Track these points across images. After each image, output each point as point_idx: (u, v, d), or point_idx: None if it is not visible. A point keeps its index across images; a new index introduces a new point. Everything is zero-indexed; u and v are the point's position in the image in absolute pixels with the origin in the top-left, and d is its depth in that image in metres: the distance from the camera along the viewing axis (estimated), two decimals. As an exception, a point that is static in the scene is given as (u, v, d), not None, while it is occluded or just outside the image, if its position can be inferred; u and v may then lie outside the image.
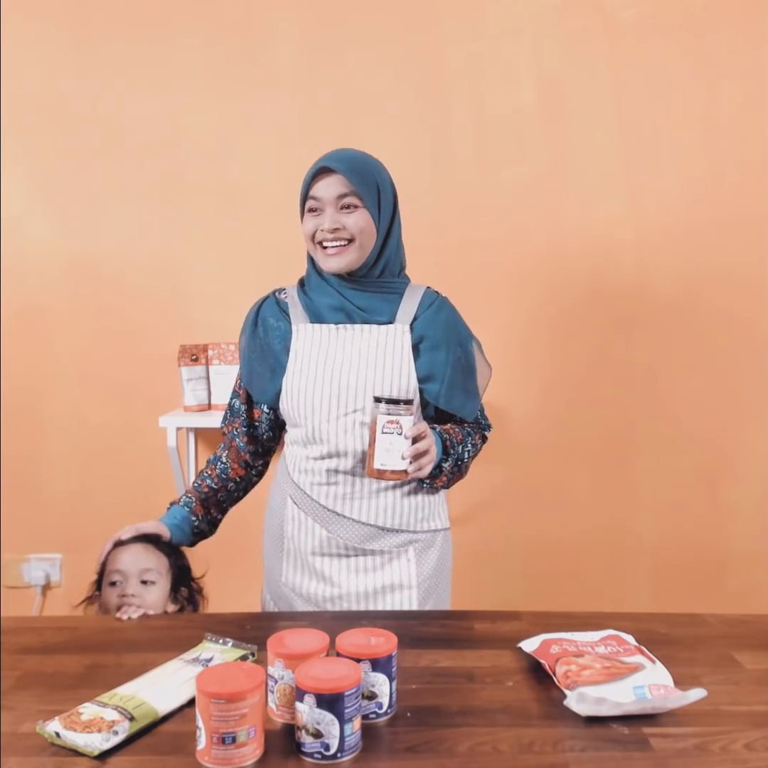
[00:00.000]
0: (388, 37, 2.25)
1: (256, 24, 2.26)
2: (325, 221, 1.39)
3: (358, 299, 1.44)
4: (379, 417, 1.28)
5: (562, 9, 2.24)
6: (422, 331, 1.44)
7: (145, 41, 2.26)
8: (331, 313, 1.44)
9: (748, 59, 2.24)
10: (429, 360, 1.44)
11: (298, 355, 1.44)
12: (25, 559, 2.39)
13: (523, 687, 1.03)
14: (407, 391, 1.42)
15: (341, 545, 1.44)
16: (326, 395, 1.42)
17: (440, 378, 1.44)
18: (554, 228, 2.29)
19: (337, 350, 1.43)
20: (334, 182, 1.38)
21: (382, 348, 1.43)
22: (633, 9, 2.24)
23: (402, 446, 1.29)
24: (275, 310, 1.49)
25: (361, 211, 1.39)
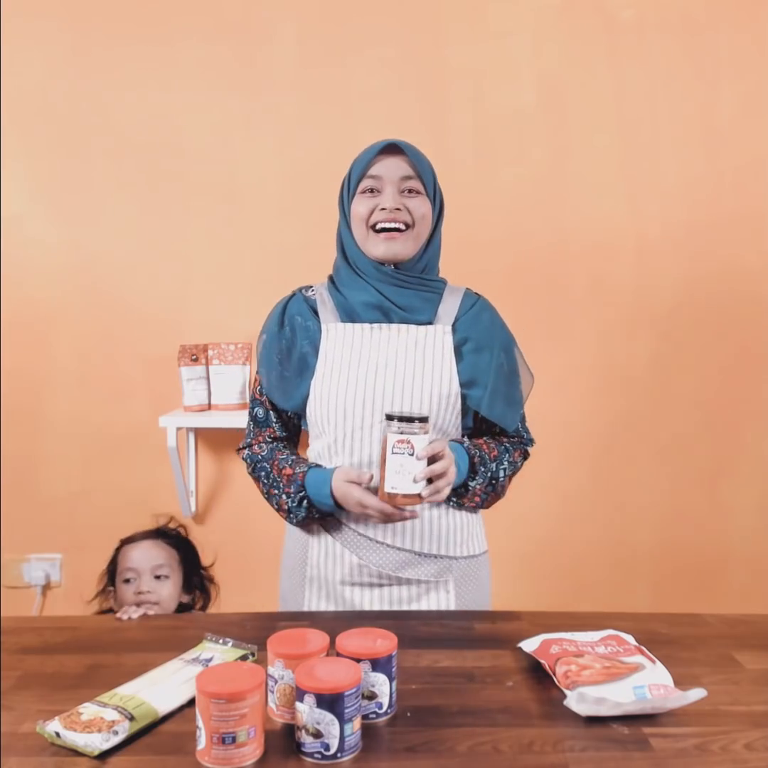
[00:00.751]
0: (388, 37, 2.25)
1: (256, 24, 2.26)
2: (386, 200, 1.29)
3: (397, 296, 1.33)
4: (389, 436, 1.18)
5: (562, 9, 2.24)
6: (465, 332, 1.35)
7: (145, 41, 2.26)
8: (366, 311, 1.34)
9: (748, 59, 2.25)
10: (472, 363, 1.34)
11: (328, 357, 1.33)
12: (25, 559, 2.39)
13: (523, 687, 1.03)
14: (448, 396, 1.31)
15: (374, 573, 1.33)
16: (359, 400, 1.30)
17: (483, 383, 1.33)
18: (554, 228, 2.29)
19: (371, 351, 1.32)
20: (400, 163, 1.30)
21: (422, 349, 1.32)
22: (633, 9, 2.24)
23: (414, 468, 1.17)
24: (303, 308, 1.38)
25: (423, 198, 1.32)
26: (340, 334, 1.34)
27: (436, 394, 1.30)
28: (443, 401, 1.31)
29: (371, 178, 1.31)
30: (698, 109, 2.26)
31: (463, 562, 1.37)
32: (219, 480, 2.38)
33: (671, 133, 2.27)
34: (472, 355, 1.34)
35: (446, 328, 1.34)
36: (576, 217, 2.29)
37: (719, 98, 2.26)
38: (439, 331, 1.34)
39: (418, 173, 1.31)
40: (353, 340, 1.33)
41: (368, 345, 1.33)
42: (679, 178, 2.27)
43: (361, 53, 2.26)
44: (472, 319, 1.37)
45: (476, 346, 1.35)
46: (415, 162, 1.31)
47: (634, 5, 2.24)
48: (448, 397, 1.31)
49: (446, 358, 1.32)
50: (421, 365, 1.31)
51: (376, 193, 1.31)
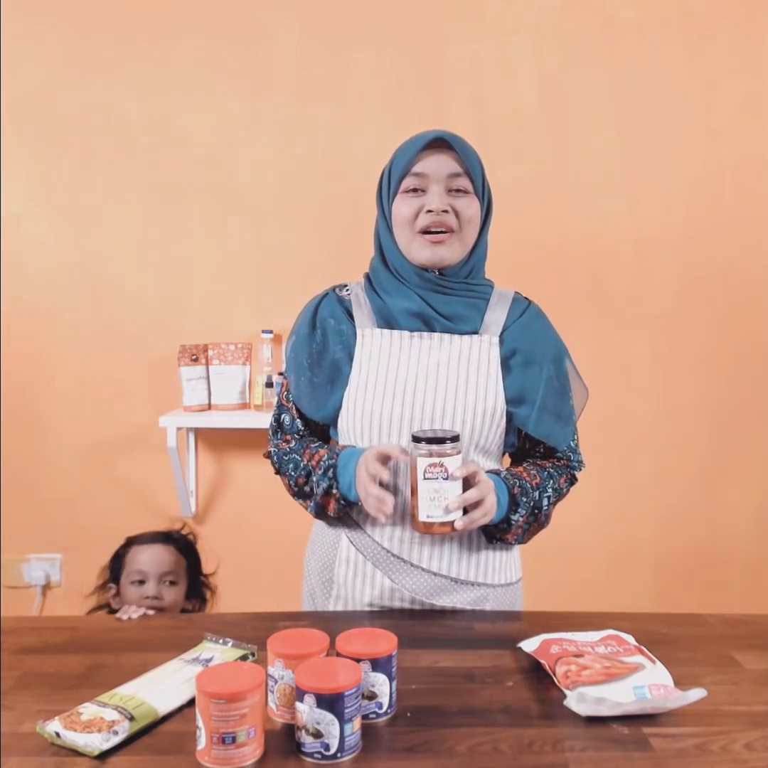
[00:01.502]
0: (388, 37, 2.25)
1: (256, 24, 2.26)
2: (432, 201, 1.18)
3: (442, 305, 1.23)
4: (419, 460, 1.08)
5: (562, 9, 2.24)
6: (513, 343, 1.25)
7: (145, 41, 2.26)
8: (406, 319, 1.24)
9: (748, 59, 2.25)
10: (521, 378, 1.23)
11: (363, 366, 1.23)
12: (25, 559, 2.39)
13: (523, 687, 1.03)
14: (493, 413, 1.21)
15: (406, 598, 1.24)
16: (396, 414, 1.20)
17: (532, 400, 1.23)
18: (554, 228, 2.29)
19: (410, 362, 1.22)
20: (447, 159, 1.19)
21: (466, 361, 1.22)
22: (633, 9, 2.24)
23: (449, 492, 1.08)
24: (337, 311, 1.27)
25: (471, 198, 1.21)
26: (377, 341, 1.24)
27: (480, 411, 1.21)
28: (487, 419, 1.21)
29: (415, 176, 1.20)
30: (698, 109, 2.26)
31: (500, 591, 1.29)
32: (219, 480, 2.37)
33: (671, 133, 2.27)
34: (521, 369, 1.24)
35: (493, 339, 1.24)
36: (576, 216, 2.29)
37: (719, 98, 2.26)
38: (485, 342, 1.24)
39: (466, 170, 1.20)
40: (391, 349, 1.23)
41: (407, 355, 1.23)
42: (679, 178, 2.27)
43: (361, 53, 2.26)
44: (521, 329, 1.26)
45: (525, 359, 1.24)
46: (463, 157, 1.20)
47: (634, 5, 2.24)
48: (492, 415, 1.21)
49: (492, 371, 1.22)
50: (464, 379, 1.21)
51: (420, 192, 1.20)
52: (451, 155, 1.20)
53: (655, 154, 2.27)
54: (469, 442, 1.22)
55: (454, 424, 1.21)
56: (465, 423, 1.21)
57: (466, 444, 1.22)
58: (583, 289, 2.30)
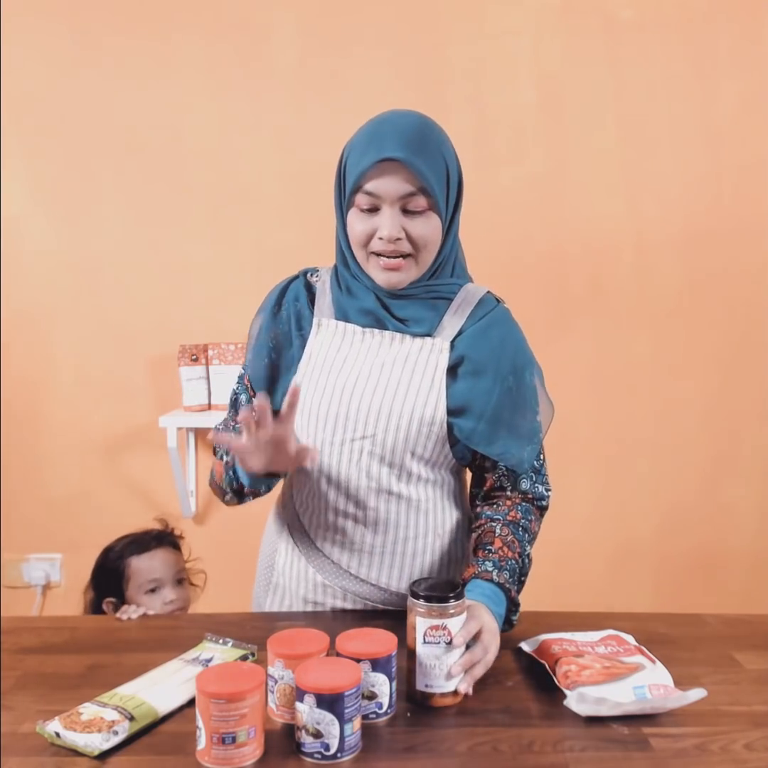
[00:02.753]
0: (388, 37, 2.25)
1: (255, 22, 2.25)
2: (383, 227, 1.10)
3: (397, 308, 1.18)
4: (418, 620, 0.96)
5: (562, 9, 2.24)
6: (464, 350, 1.16)
7: (145, 39, 2.26)
8: (360, 316, 1.20)
9: (749, 59, 2.24)
10: (466, 388, 1.16)
11: (313, 356, 1.20)
12: (25, 559, 2.39)
13: (523, 687, 1.03)
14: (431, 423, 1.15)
15: (338, 595, 1.24)
16: (332, 411, 1.16)
17: (477, 413, 1.15)
18: (554, 228, 2.29)
19: (357, 359, 1.18)
20: (397, 179, 1.09)
21: (411, 365, 1.16)
22: (633, 9, 2.24)
23: (450, 659, 0.97)
24: (302, 295, 1.24)
25: (429, 216, 1.12)
26: (330, 332, 1.20)
27: (417, 418, 1.15)
28: (424, 428, 1.15)
29: (368, 194, 1.11)
30: (698, 109, 2.26)
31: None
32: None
33: (671, 133, 2.27)
34: (469, 378, 1.16)
35: (444, 344, 1.17)
36: (575, 216, 2.28)
37: (719, 98, 2.26)
38: (436, 347, 1.16)
39: (421, 187, 1.09)
40: (342, 343, 1.20)
41: (356, 351, 1.19)
42: (679, 178, 2.27)
43: (361, 52, 2.25)
44: (476, 335, 1.17)
45: (475, 368, 1.16)
46: (419, 174, 1.09)
47: (634, 5, 2.24)
48: (431, 424, 1.15)
49: (437, 378, 1.15)
50: (406, 383, 1.15)
51: (374, 211, 1.12)
52: (404, 174, 1.09)
53: (655, 154, 2.27)
54: (404, 449, 1.17)
55: (388, 427, 1.16)
56: (399, 429, 1.16)
57: (400, 451, 1.17)
58: (583, 289, 2.30)
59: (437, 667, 0.96)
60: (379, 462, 1.18)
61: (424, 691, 0.98)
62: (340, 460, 1.18)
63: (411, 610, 0.98)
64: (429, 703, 0.98)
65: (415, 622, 0.97)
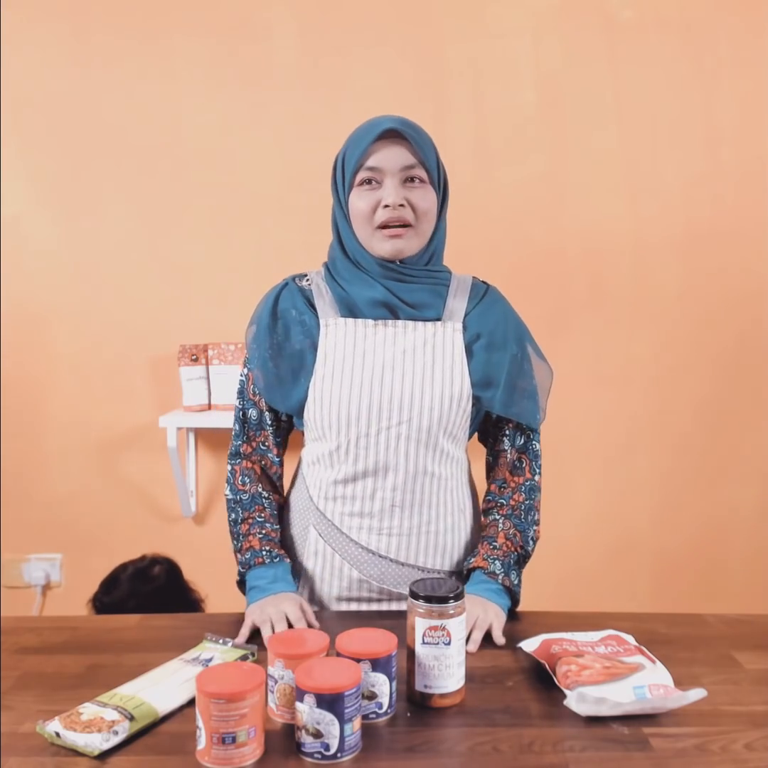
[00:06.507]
0: (388, 36, 2.25)
1: (256, 21, 2.25)
2: (388, 195, 1.17)
3: (405, 293, 1.24)
4: (417, 621, 0.97)
5: (562, 9, 2.24)
6: (476, 328, 1.26)
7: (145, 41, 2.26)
8: (370, 308, 1.24)
9: (748, 59, 2.24)
10: (485, 361, 1.25)
11: (329, 356, 1.23)
12: (25, 559, 2.39)
13: (523, 687, 1.03)
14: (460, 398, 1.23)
15: (374, 589, 1.26)
16: (365, 404, 1.21)
17: (496, 382, 1.25)
18: (554, 228, 2.29)
19: (376, 350, 1.23)
20: (400, 150, 1.18)
21: (431, 348, 1.23)
22: (633, 9, 2.24)
23: (450, 659, 0.96)
24: (298, 300, 1.27)
25: (427, 189, 1.21)
26: (341, 330, 1.24)
27: (447, 397, 1.22)
28: (455, 404, 1.23)
29: (369, 169, 1.19)
30: (698, 109, 2.26)
31: None
32: (219, 480, 2.37)
33: (671, 133, 2.27)
34: (485, 352, 1.25)
35: (456, 325, 1.25)
36: (575, 216, 2.28)
37: (719, 98, 2.26)
38: (449, 328, 1.25)
39: (421, 160, 1.19)
40: (356, 338, 1.23)
41: (372, 343, 1.23)
42: (679, 178, 2.27)
43: (361, 52, 2.25)
44: (483, 313, 1.27)
45: (488, 342, 1.26)
46: (417, 147, 1.18)
47: (634, 5, 2.24)
48: (459, 400, 1.23)
49: (457, 357, 1.24)
50: (430, 365, 1.23)
51: (376, 184, 1.19)
52: (405, 145, 1.18)
53: (655, 154, 2.27)
54: (438, 428, 1.23)
55: (422, 410, 1.22)
56: (433, 409, 1.22)
57: (435, 431, 1.23)
58: (583, 289, 2.30)
59: (436, 668, 0.96)
60: (416, 444, 1.23)
61: (423, 692, 0.98)
62: (377, 450, 1.22)
63: (410, 611, 0.98)
64: (428, 704, 0.97)
65: (415, 623, 0.97)
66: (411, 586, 0.99)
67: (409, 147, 1.18)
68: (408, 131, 1.18)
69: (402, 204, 1.18)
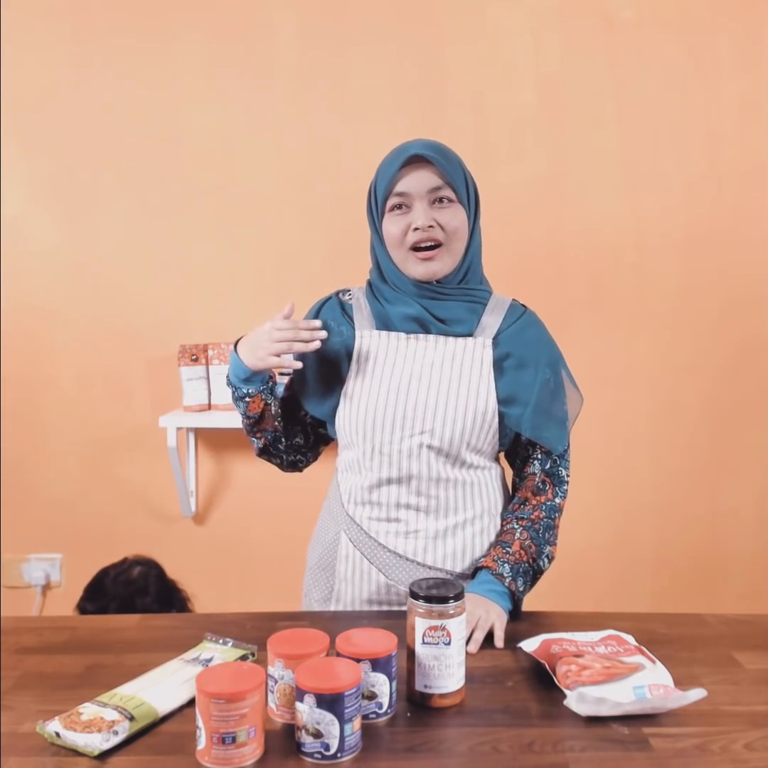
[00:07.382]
0: (388, 36, 2.25)
1: (256, 21, 2.25)
2: (417, 218, 1.22)
3: (439, 309, 1.28)
4: (417, 621, 0.97)
5: (562, 9, 2.24)
6: (507, 347, 1.28)
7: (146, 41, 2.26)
8: (403, 323, 1.29)
9: (749, 60, 2.24)
10: (513, 380, 1.27)
11: (361, 365, 1.29)
12: (25, 559, 2.39)
13: (523, 687, 1.03)
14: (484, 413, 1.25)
15: (402, 593, 1.27)
16: (389, 412, 1.25)
17: (524, 401, 1.27)
18: (554, 228, 2.29)
19: (406, 362, 1.27)
20: (425, 173, 1.22)
21: (459, 362, 1.27)
22: (633, 9, 2.24)
23: (450, 659, 0.96)
24: (337, 313, 1.33)
25: (456, 208, 1.25)
26: (374, 341, 1.30)
27: (471, 410, 1.25)
28: (479, 418, 1.25)
29: (398, 195, 1.24)
30: (698, 109, 2.26)
31: None
32: (219, 480, 2.38)
33: (671, 133, 2.27)
34: (514, 371, 1.28)
35: (486, 341, 1.28)
36: (575, 217, 2.28)
37: (719, 98, 2.26)
38: (479, 344, 1.28)
39: (447, 181, 1.23)
40: (388, 350, 1.29)
41: (403, 355, 1.28)
42: (679, 179, 2.27)
43: (361, 52, 2.26)
44: (516, 334, 1.30)
45: (519, 362, 1.28)
46: (443, 169, 1.22)
47: (634, 5, 2.24)
48: (484, 414, 1.25)
49: (485, 372, 1.26)
50: (457, 379, 1.26)
51: (406, 209, 1.24)
52: (431, 168, 1.23)
53: (655, 154, 2.27)
54: (460, 441, 1.26)
55: (445, 421, 1.25)
56: (456, 422, 1.25)
57: (456, 443, 1.26)
58: (583, 289, 2.30)
59: (436, 668, 0.96)
60: (436, 454, 1.26)
61: (423, 692, 0.98)
62: (401, 458, 1.26)
63: (410, 611, 0.98)
64: (428, 704, 0.98)
65: (415, 623, 0.97)
66: (411, 586, 0.99)
67: (435, 169, 1.23)
68: (431, 154, 1.22)
69: (431, 225, 1.23)
